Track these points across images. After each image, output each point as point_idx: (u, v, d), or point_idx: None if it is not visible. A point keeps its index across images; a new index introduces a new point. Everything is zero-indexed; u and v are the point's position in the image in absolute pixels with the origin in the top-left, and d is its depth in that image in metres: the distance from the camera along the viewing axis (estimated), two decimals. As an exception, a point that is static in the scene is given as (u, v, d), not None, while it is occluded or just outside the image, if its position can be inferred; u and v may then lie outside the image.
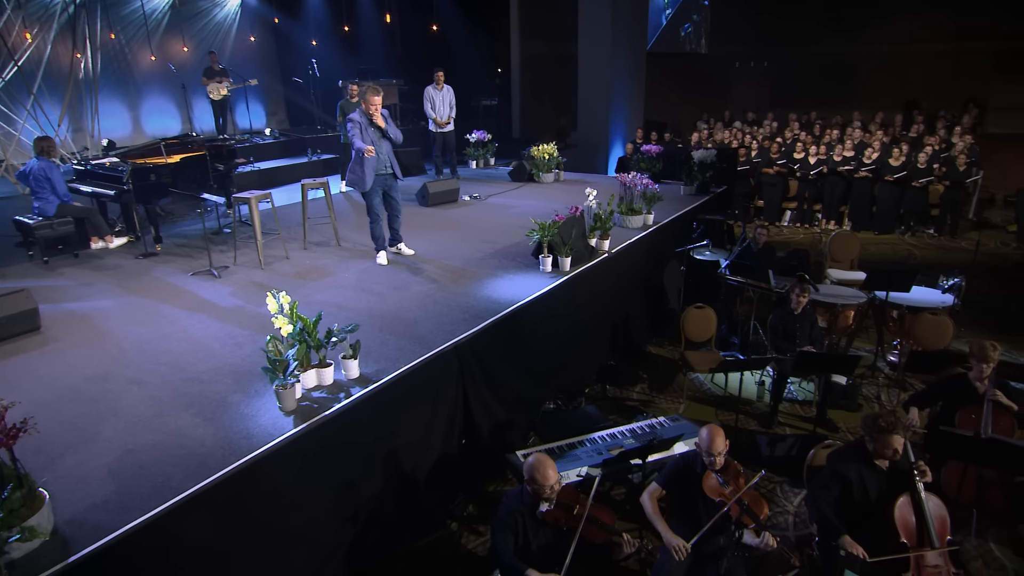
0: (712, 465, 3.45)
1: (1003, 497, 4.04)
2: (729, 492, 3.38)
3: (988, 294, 8.02)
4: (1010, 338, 4.75)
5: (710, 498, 3.44)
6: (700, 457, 3.53)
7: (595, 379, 6.36)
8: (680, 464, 3.63)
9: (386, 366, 4.05)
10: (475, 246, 6.76)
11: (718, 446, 3.42)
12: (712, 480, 3.44)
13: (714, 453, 3.43)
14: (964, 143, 11.20)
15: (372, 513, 3.87)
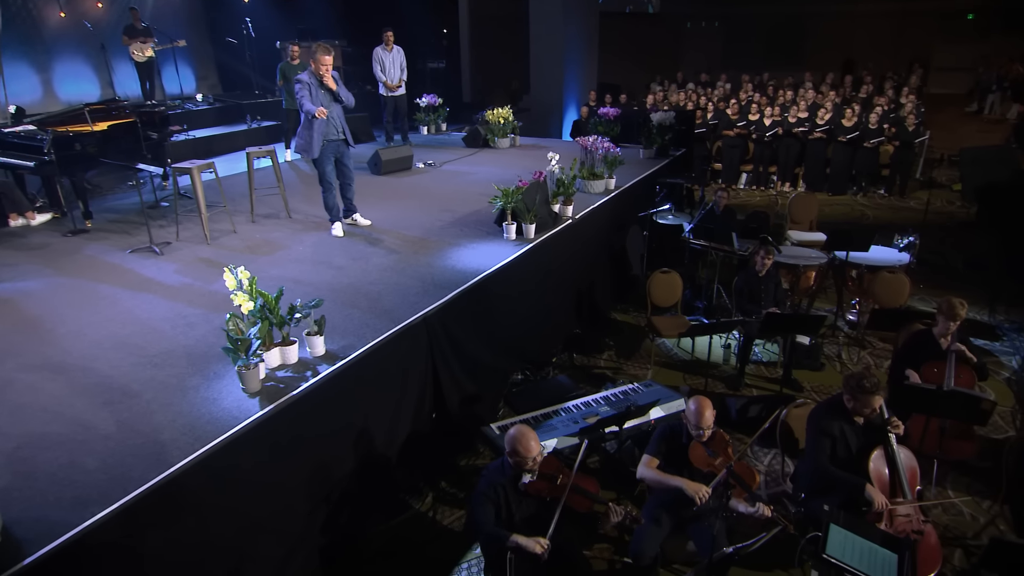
0: (700, 438, 3.52)
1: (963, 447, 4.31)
2: (718, 463, 3.45)
3: (937, 252, 8.43)
4: (959, 294, 5.03)
5: (698, 468, 3.52)
6: (685, 427, 3.60)
7: (562, 348, 6.41)
8: (666, 433, 3.69)
9: (353, 342, 3.96)
10: (434, 215, 6.65)
11: (707, 419, 3.48)
12: (700, 451, 3.51)
13: (703, 427, 3.48)
14: (911, 103, 11.63)
15: (344, 494, 3.82)
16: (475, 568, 3.91)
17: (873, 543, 2.61)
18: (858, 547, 2.56)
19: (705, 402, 3.52)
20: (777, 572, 3.81)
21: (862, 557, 2.52)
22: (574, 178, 6.58)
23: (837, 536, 2.58)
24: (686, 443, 3.55)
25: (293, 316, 3.62)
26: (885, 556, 2.54)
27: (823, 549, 2.52)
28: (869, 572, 2.45)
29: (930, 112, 12.89)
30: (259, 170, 7.29)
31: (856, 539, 2.61)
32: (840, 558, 2.50)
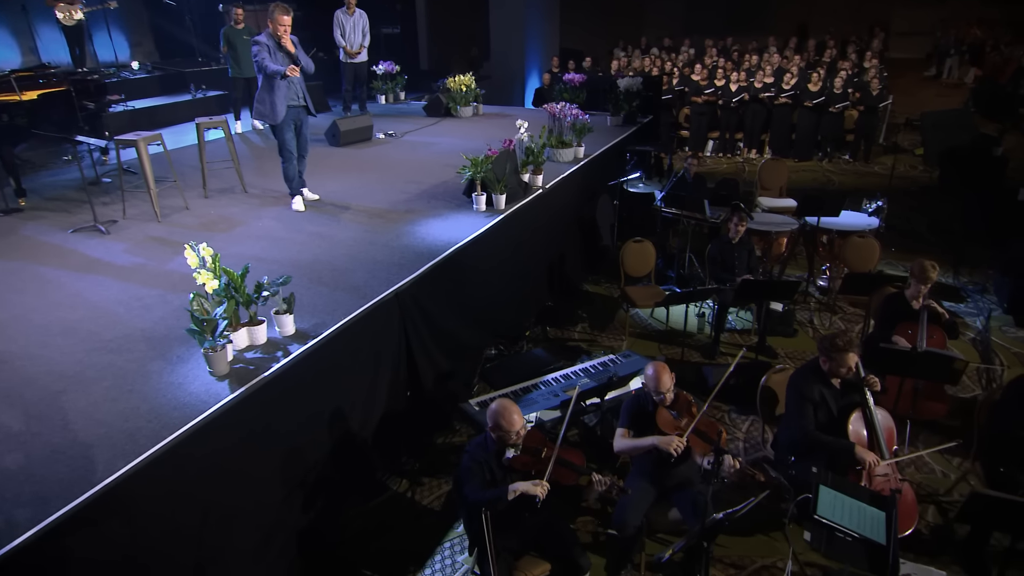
0: (663, 402, 3.58)
1: (935, 407, 4.50)
2: (684, 424, 3.53)
3: (902, 216, 8.70)
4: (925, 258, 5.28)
5: (666, 432, 3.58)
6: (650, 395, 3.66)
7: (535, 322, 6.43)
8: (633, 404, 3.74)
9: (324, 319, 3.88)
10: (399, 187, 6.53)
11: (665, 383, 3.55)
12: (665, 415, 3.58)
13: (663, 391, 3.55)
14: (874, 67, 11.88)
15: (320, 477, 3.77)
16: (458, 547, 3.94)
17: (862, 502, 2.71)
18: (848, 507, 2.66)
19: (662, 366, 3.59)
20: (759, 537, 3.95)
21: (852, 516, 2.62)
22: (543, 146, 6.54)
23: (827, 497, 2.67)
24: (652, 410, 3.62)
25: (260, 294, 3.52)
26: (874, 514, 2.64)
27: (814, 510, 2.61)
28: (860, 530, 2.56)
29: (890, 77, 13.19)
30: (210, 142, 7.04)
31: (845, 499, 2.70)
32: (831, 518, 2.59)
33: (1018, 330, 6.11)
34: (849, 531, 2.55)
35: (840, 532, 2.57)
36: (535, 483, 3.08)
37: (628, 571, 3.72)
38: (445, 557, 3.87)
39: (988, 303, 6.53)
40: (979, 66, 14.62)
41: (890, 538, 2.54)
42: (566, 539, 3.33)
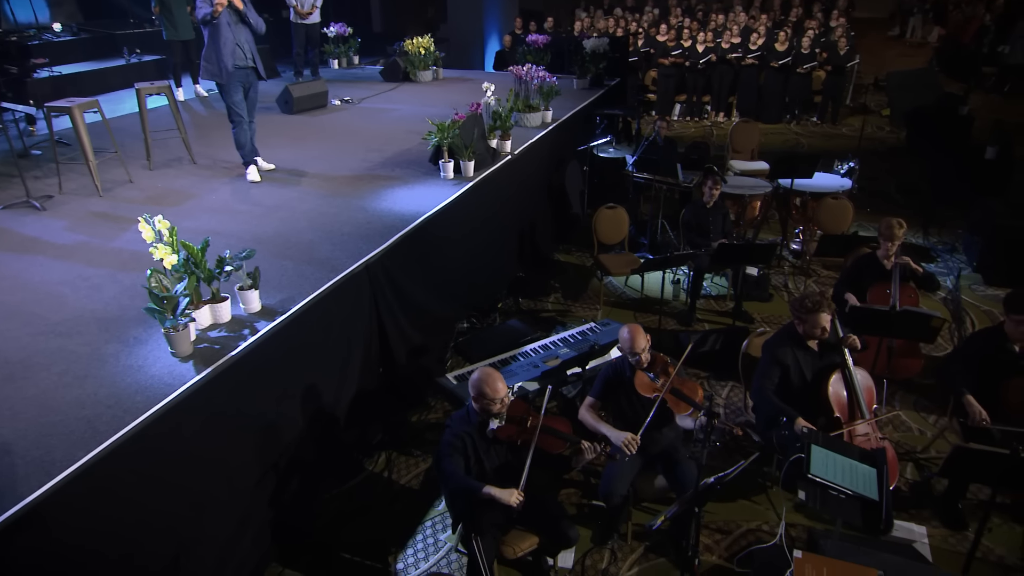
0: (639, 364, 3.63)
1: (910, 365, 4.66)
2: (661, 385, 3.58)
3: (871, 178, 8.92)
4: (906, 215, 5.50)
5: (645, 396, 3.63)
6: (627, 361, 3.70)
7: (507, 293, 6.42)
8: (609, 372, 3.78)
9: (291, 295, 3.79)
10: (361, 156, 6.39)
11: (640, 344, 3.60)
12: (643, 378, 3.63)
13: (638, 352, 3.60)
14: (841, 26, 12.05)
15: (293, 460, 3.72)
16: (439, 525, 3.95)
17: (852, 459, 2.80)
18: (839, 464, 2.75)
19: (636, 328, 3.64)
20: (742, 502, 4.06)
21: (844, 474, 2.71)
22: (511, 110, 6.46)
23: (819, 456, 2.75)
24: (630, 375, 3.66)
25: (223, 269, 3.41)
26: (865, 471, 2.74)
27: (808, 470, 2.69)
28: (852, 487, 2.65)
29: (856, 37, 13.42)
30: (152, 110, 6.74)
31: (836, 457, 2.79)
32: (824, 476, 2.68)
33: (987, 288, 6.37)
34: (842, 488, 2.64)
35: (833, 490, 2.66)
36: (510, 492, 3.06)
37: (615, 540, 3.80)
38: (427, 536, 3.87)
39: (958, 262, 6.77)
40: (942, 25, 14.95)
41: (882, 493, 2.64)
42: (553, 511, 3.36)
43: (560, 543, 3.36)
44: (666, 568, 3.66)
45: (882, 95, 12.62)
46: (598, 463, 4.15)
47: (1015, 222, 6.22)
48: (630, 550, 3.77)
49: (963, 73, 12.14)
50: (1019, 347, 3.79)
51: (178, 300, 3.12)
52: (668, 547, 3.76)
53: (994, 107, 10.65)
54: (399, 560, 3.71)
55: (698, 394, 3.49)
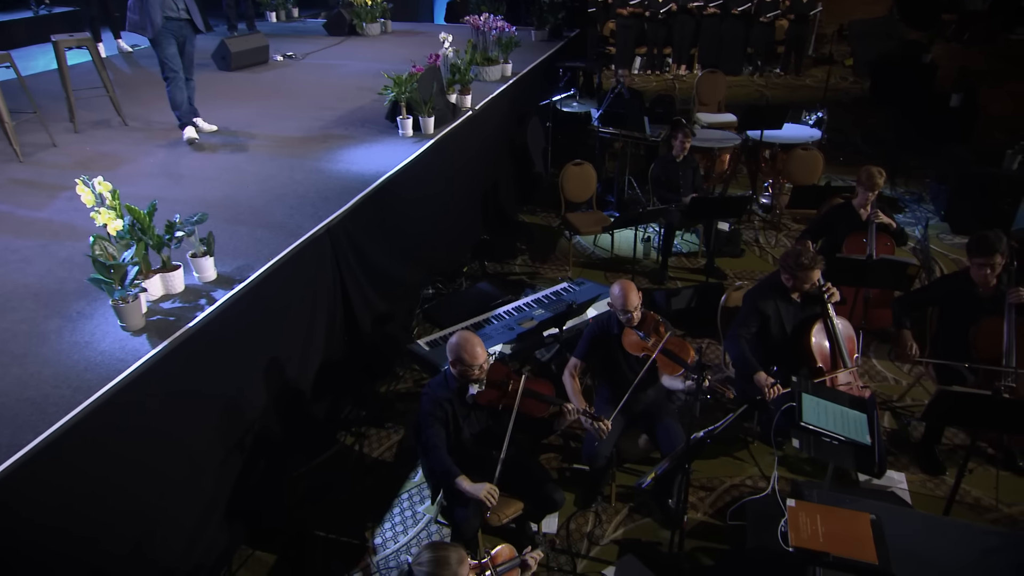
0: (630, 322, 3.64)
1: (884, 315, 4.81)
2: (651, 344, 3.60)
3: (837, 129, 9.09)
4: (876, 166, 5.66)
5: (633, 355, 3.66)
6: (615, 317, 3.71)
7: (471, 257, 6.37)
8: (595, 330, 3.79)
9: (248, 262, 3.67)
10: (311, 114, 6.19)
11: (633, 301, 3.59)
12: (632, 336, 3.64)
13: (630, 309, 3.59)
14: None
15: (259, 436, 3.64)
16: (416, 497, 3.94)
17: (842, 406, 2.88)
18: (830, 412, 2.82)
19: (628, 285, 3.62)
20: (724, 458, 4.16)
21: (835, 420, 2.79)
22: (470, 63, 6.33)
23: (810, 404, 2.82)
24: (618, 333, 3.67)
25: (173, 235, 3.26)
26: (856, 416, 2.83)
27: (800, 418, 2.76)
28: (845, 433, 2.73)
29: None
30: (71, 67, 6.36)
31: (827, 404, 2.87)
32: (817, 424, 2.75)
33: (955, 237, 6.60)
34: (835, 435, 2.72)
35: (827, 437, 2.74)
36: (484, 488, 3.00)
37: (599, 503, 3.85)
38: (404, 509, 3.86)
39: (925, 211, 6.99)
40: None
41: (874, 438, 2.73)
42: (537, 475, 3.38)
43: (546, 507, 3.39)
44: (651, 528, 3.73)
45: (845, 45, 12.82)
46: (578, 428, 4.19)
47: (981, 169, 6.43)
48: (615, 512, 3.83)
49: (923, 21, 12.39)
50: (984, 290, 3.94)
51: (126, 269, 2.98)
52: (652, 507, 3.83)
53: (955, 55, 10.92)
54: (376, 535, 3.70)
55: (690, 355, 3.52)
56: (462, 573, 2.32)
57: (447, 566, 2.28)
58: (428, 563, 2.29)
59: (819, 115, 7.19)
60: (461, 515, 3.13)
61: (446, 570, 2.28)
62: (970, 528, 3.40)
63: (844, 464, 2.77)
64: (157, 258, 3.34)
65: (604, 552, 3.59)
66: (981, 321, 3.83)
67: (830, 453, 2.77)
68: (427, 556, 2.31)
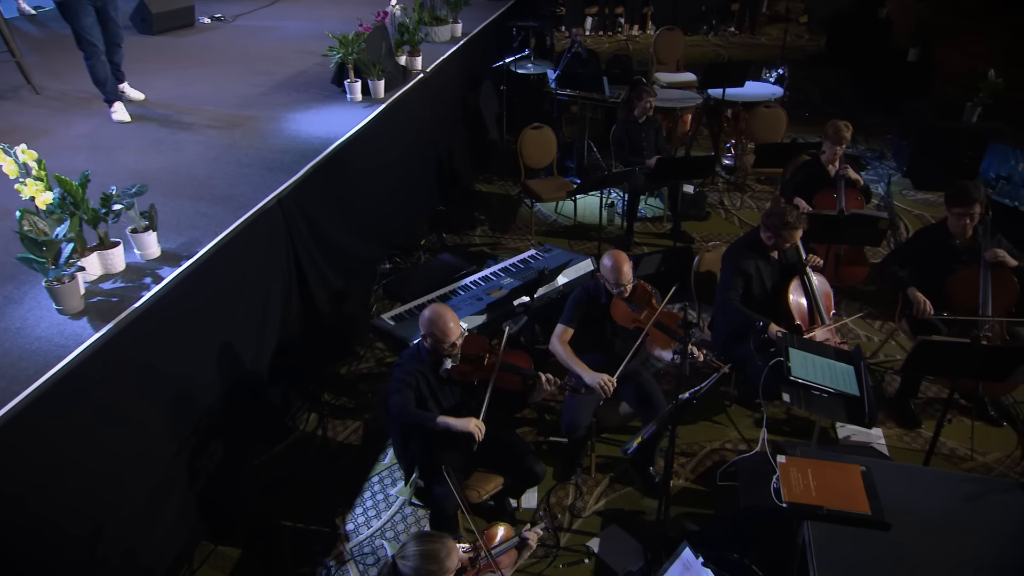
0: (622, 294, 3.64)
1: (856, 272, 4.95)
2: (644, 317, 3.61)
3: (795, 87, 9.25)
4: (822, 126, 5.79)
5: (622, 326, 3.67)
6: (603, 287, 3.70)
7: (428, 229, 6.30)
8: (582, 297, 3.77)
9: (195, 237, 3.53)
10: (248, 80, 5.97)
11: (627, 274, 3.57)
12: (622, 307, 3.63)
13: (624, 283, 3.57)
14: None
15: (215, 424, 3.54)
16: (388, 479, 3.90)
17: (829, 359, 2.95)
18: (818, 365, 2.89)
19: (621, 255, 3.61)
20: (702, 423, 4.24)
21: (823, 373, 2.85)
22: (419, 22, 6.20)
23: (797, 358, 2.88)
24: (606, 303, 3.68)
25: (110, 208, 3.10)
26: (843, 368, 2.90)
27: (789, 372, 2.81)
28: (834, 385, 2.80)
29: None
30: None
31: (815, 358, 2.93)
32: (805, 378, 2.81)
33: (917, 193, 6.83)
34: (824, 387, 2.79)
35: (816, 390, 2.80)
36: (467, 420, 3.02)
37: (578, 475, 3.88)
38: (376, 493, 3.82)
39: (887, 168, 7.20)
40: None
41: (863, 388, 2.81)
42: (516, 448, 3.38)
43: (527, 480, 3.40)
44: (634, 497, 3.78)
45: (799, 1, 13.03)
46: (552, 399, 4.21)
47: (942, 123, 6.64)
48: (595, 483, 3.87)
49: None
50: (961, 241, 4.08)
51: (60, 245, 2.82)
52: (634, 476, 3.88)
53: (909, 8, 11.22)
54: (348, 521, 3.65)
55: None
56: (452, 566, 2.25)
57: (435, 560, 2.20)
58: (415, 557, 2.21)
59: (780, 72, 7.31)
60: (440, 491, 3.11)
61: (434, 564, 2.20)
62: (951, 476, 3.57)
63: (835, 416, 2.85)
64: (93, 234, 3.18)
65: (587, 524, 3.63)
66: (957, 272, 3.97)
67: (820, 406, 2.84)
68: (413, 549, 2.23)
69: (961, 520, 2.97)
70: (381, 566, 2.31)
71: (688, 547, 2.52)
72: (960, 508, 3.04)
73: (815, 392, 2.79)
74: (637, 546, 3.47)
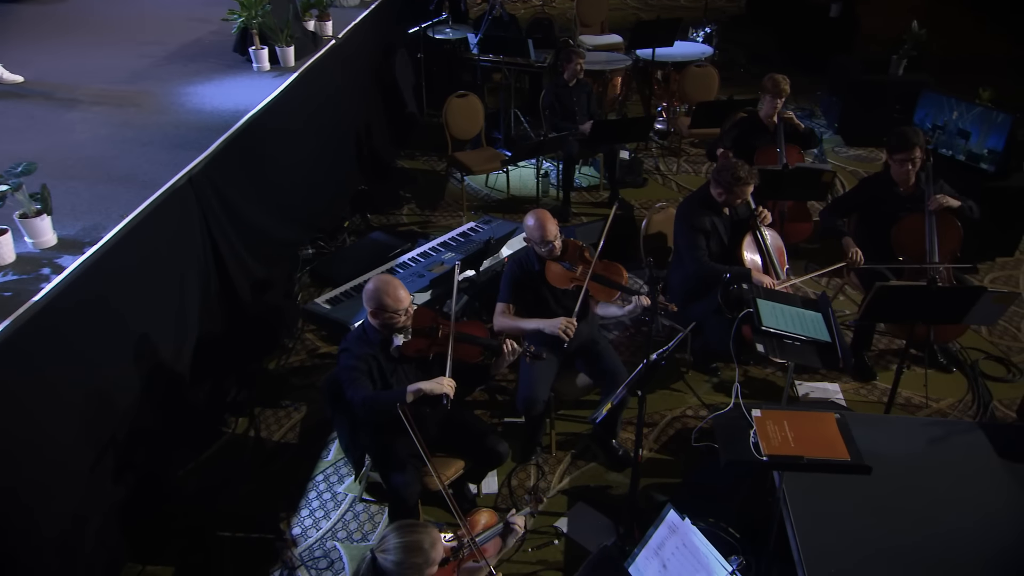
0: (551, 253, 3.63)
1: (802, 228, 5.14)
2: (580, 273, 3.62)
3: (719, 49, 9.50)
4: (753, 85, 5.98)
5: (561, 289, 3.67)
6: (533, 253, 3.69)
7: (351, 210, 6.15)
8: (515, 270, 3.74)
9: (97, 221, 3.32)
10: (135, 52, 5.67)
11: (551, 230, 3.56)
12: (556, 268, 3.63)
13: (550, 239, 3.56)
14: None
15: (134, 431, 3.34)
16: (333, 477, 3.79)
17: (797, 308, 3.05)
18: (787, 314, 2.98)
19: (543, 213, 3.60)
20: (660, 392, 4.31)
21: (794, 322, 2.94)
22: (326, -18, 6.02)
23: (766, 308, 2.96)
24: (540, 269, 3.66)
25: (-6, 190, 2.87)
26: (812, 316, 3.00)
27: (760, 323, 2.88)
28: (805, 332, 2.89)
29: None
30: None
31: (783, 307, 3.02)
32: (776, 327, 2.89)
33: (849, 149, 7.15)
34: (796, 335, 2.88)
35: (788, 339, 2.89)
36: (437, 381, 2.97)
37: (538, 455, 3.88)
38: (322, 492, 3.70)
39: (818, 126, 7.50)
40: None
41: (832, 334, 2.92)
42: (476, 428, 3.34)
43: (490, 461, 3.37)
44: (598, 472, 3.82)
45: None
46: (503, 378, 4.20)
47: (869, 76, 6.96)
48: (556, 461, 3.87)
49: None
50: (904, 189, 4.28)
51: (-59, 234, 2.59)
52: (596, 451, 3.91)
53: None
54: (294, 525, 3.52)
55: (623, 275, 3.58)
56: (436, 556, 2.19)
57: (419, 552, 2.14)
58: (396, 550, 2.13)
59: (707, 30, 7.49)
60: (399, 481, 3.04)
61: (419, 555, 2.13)
62: (914, 421, 3.77)
63: (810, 362, 2.94)
64: (-27, 223, 2.94)
65: (553, 504, 3.63)
66: (902, 219, 4.16)
67: (794, 353, 2.93)
68: (394, 542, 2.15)
69: (928, 462, 3.15)
70: (358, 564, 2.22)
71: (672, 509, 2.55)
72: (926, 451, 3.22)
73: (787, 340, 2.88)
74: (607, 522, 3.50)
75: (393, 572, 2.13)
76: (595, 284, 3.57)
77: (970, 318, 3.53)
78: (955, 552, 2.76)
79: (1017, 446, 3.22)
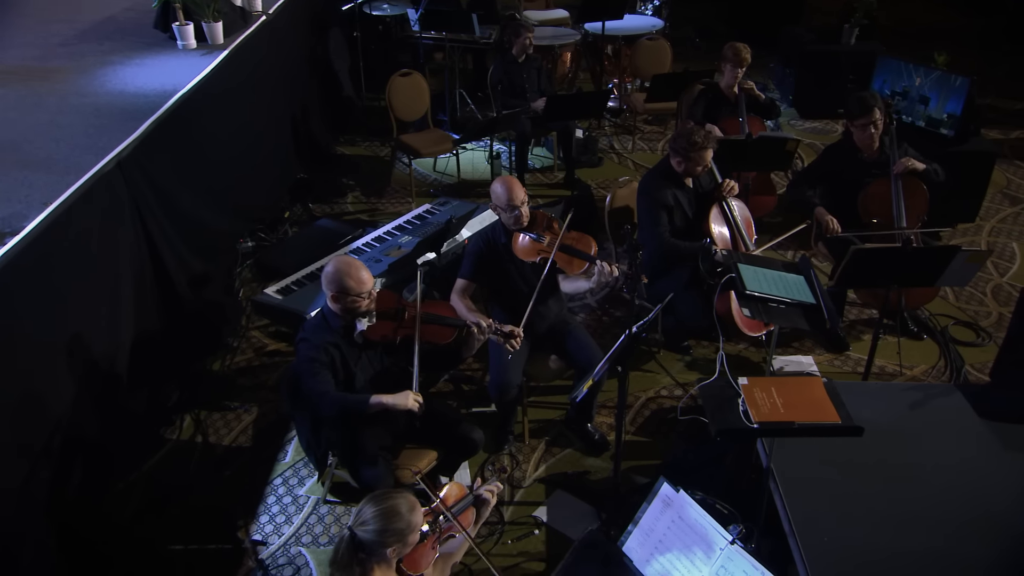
0: (519, 221, 3.59)
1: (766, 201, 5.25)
2: (547, 244, 3.60)
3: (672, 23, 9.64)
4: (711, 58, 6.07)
5: (528, 262, 3.64)
6: (499, 227, 3.67)
7: (290, 200, 6.03)
8: (480, 245, 3.71)
9: (16, 210, 3.16)
10: (39, 31, 5.48)
11: (519, 195, 3.52)
12: (523, 240, 3.60)
13: (517, 203, 3.51)
14: None
15: (68, 441, 3.19)
16: (293, 480, 3.70)
17: (778, 271, 3.10)
18: (769, 278, 3.02)
19: (510, 179, 3.60)
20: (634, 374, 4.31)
21: (777, 285, 2.99)
22: (253, -46, 5.86)
23: (748, 273, 2.99)
24: (507, 241, 3.64)
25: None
26: (794, 279, 3.05)
27: (744, 287, 2.91)
28: (789, 295, 2.94)
29: None
30: None
31: (764, 271, 3.06)
32: (760, 291, 2.93)
33: (804, 122, 7.33)
34: (781, 299, 2.93)
35: (773, 302, 2.94)
36: (404, 395, 2.93)
37: (511, 444, 3.86)
38: (282, 496, 3.61)
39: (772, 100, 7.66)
40: None
41: (816, 296, 2.98)
42: (447, 417, 3.30)
43: (464, 451, 3.34)
44: (574, 458, 3.81)
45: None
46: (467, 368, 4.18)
47: (822, 46, 7.16)
48: (531, 450, 3.86)
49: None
50: (868, 155, 4.40)
51: None
52: (571, 436, 3.91)
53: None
54: (253, 532, 3.42)
55: (591, 246, 3.58)
56: (417, 521, 2.20)
57: (398, 516, 2.14)
58: (375, 519, 2.12)
59: (656, 3, 7.58)
60: (371, 475, 2.98)
61: (399, 521, 2.14)
62: (893, 387, 3.90)
63: (797, 324, 2.99)
64: None
65: (530, 494, 3.62)
66: (868, 185, 4.28)
67: (780, 316, 2.98)
68: (371, 511, 2.14)
69: (911, 425, 3.28)
70: (335, 546, 2.18)
71: (665, 482, 2.56)
72: (908, 415, 3.34)
73: (772, 304, 2.93)
74: (588, 508, 3.50)
75: (375, 543, 2.12)
76: (563, 255, 3.56)
77: (944, 279, 3.65)
78: (942, 510, 2.87)
79: (995, 405, 3.37)
